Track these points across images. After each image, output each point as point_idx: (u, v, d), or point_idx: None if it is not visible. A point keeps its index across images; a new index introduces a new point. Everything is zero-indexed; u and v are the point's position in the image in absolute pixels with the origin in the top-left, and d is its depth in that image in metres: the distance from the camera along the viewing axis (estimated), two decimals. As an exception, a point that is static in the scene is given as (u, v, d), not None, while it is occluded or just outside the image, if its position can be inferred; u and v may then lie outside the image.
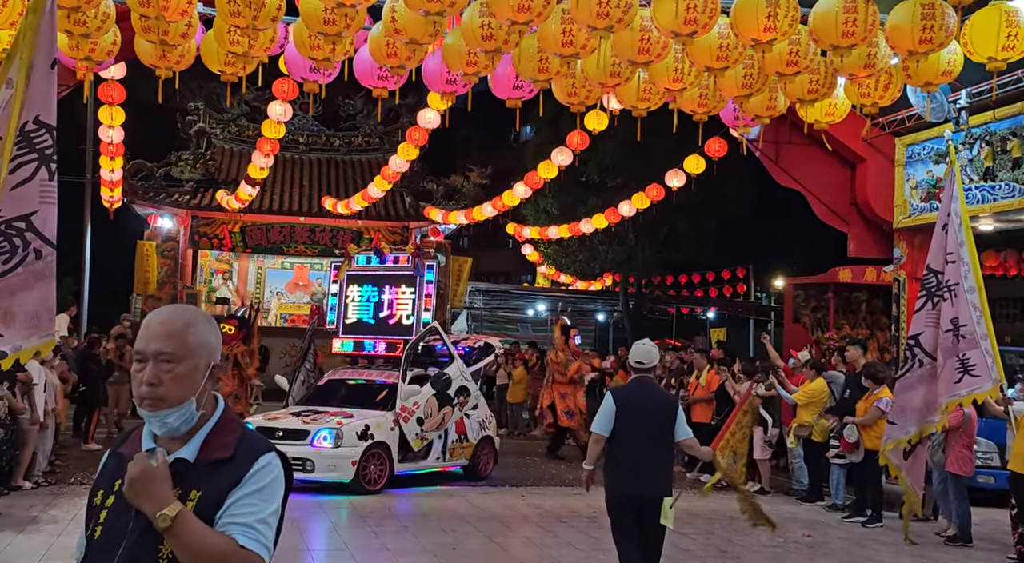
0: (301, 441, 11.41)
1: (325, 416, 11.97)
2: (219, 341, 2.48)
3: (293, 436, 11.48)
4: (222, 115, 28.19)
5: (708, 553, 9.22)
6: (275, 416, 12.30)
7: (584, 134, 16.12)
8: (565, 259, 33.77)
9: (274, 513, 2.36)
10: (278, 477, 2.40)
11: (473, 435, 13.35)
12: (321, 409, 12.34)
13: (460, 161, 37.89)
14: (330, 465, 11.36)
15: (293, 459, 9.33)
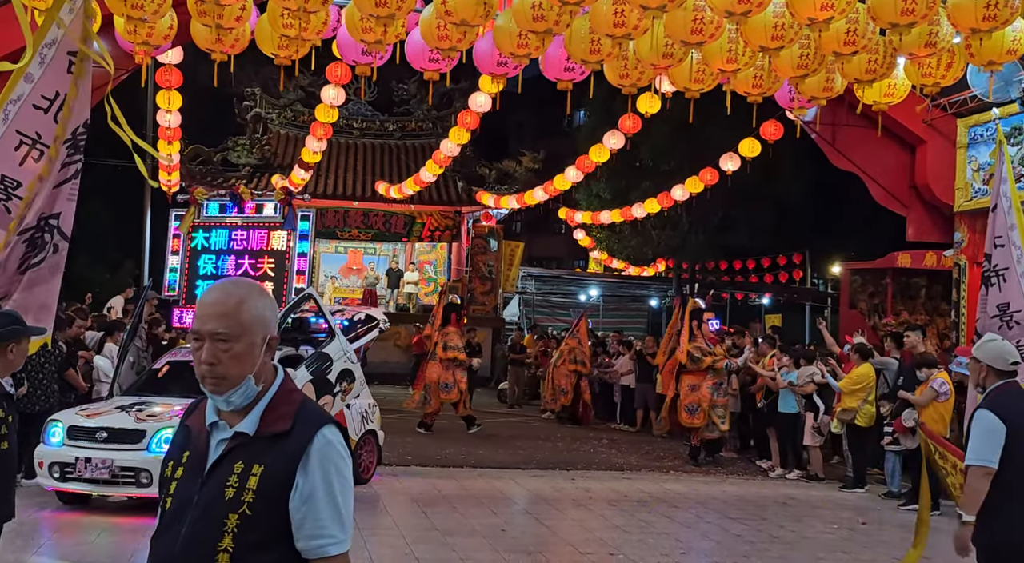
0: (133, 445, 8.67)
1: (164, 411, 9.08)
2: (275, 313, 2.49)
3: (120, 438, 8.75)
4: (278, 100, 28.50)
5: (759, 539, 9.14)
6: (95, 411, 9.29)
7: (636, 117, 16.00)
8: (617, 244, 33.60)
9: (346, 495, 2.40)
10: (340, 455, 2.39)
11: (354, 430, 10.74)
12: (157, 401, 9.45)
13: (512, 145, 37.83)
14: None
15: (122, 469, 8.54)
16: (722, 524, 9.77)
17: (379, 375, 23.99)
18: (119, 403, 9.49)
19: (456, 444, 14.76)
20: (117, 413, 9.14)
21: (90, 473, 8.65)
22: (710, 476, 13.03)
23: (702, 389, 13.58)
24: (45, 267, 4.79)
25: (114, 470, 8.62)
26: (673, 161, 25.06)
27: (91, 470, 8.64)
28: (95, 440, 8.79)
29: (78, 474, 8.67)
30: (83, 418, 9.09)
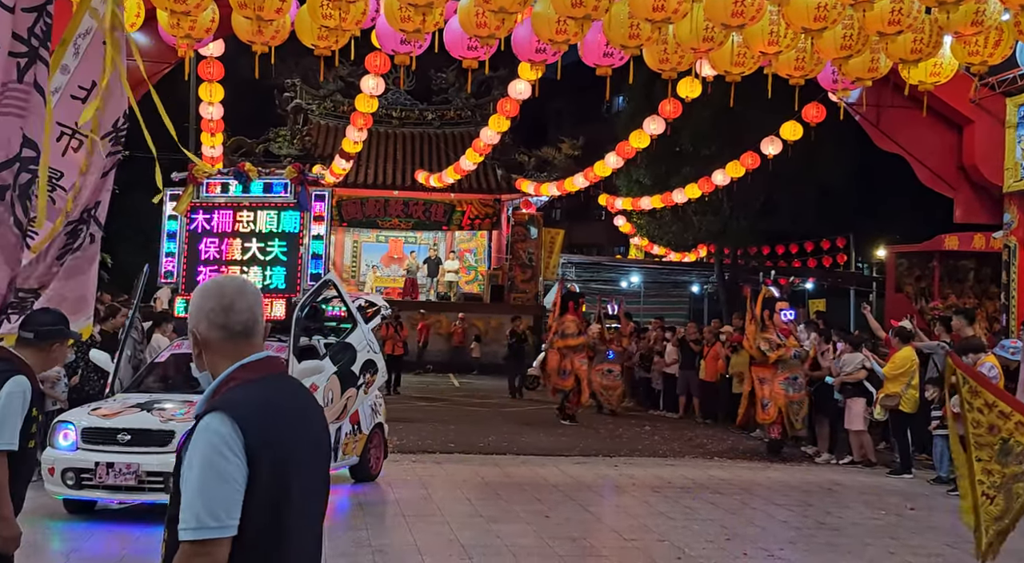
0: (161, 447, 7.96)
1: (186, 408, 8.34)
2: (200, 308, 2.54)
3: (146, 440, 8.06)
4: (318, 91, 28.69)
5: (805, 525, 9.07)
6: (110, 411, 8.46)
7: (677, 102, 15.87)
8: (658, 230, 33.41)
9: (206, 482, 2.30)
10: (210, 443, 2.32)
11: (366, 424, 10.30)
12: (168, 398, 8.81)
13: (552, 132, 37.76)
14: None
15: (148, 474, 7.77)
16: (767, 510, 9.71)
17: (421, 363, 24.18)
18: (134, 401, 8.63)
19: (499, 431, 14.81)
20: (137, 412, 8.30)
21: (113, 479, 7.88)
22: (754, 462, 12.95)
23: (774, 385, 13.02)
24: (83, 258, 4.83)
25: (140, 475, 7.87)
26: (714, 146, 24.83)
27: (114, 476, 7.88)
28: (117, 443, 8.02)
29: (98, 480, 7.90)
30: (99, 418, 8.22)
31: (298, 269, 9.94)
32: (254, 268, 9.95)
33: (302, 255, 9.96)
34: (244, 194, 10.08)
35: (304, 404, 2.60)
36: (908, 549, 8.19)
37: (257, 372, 2.51)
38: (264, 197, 10.11)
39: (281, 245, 9.96)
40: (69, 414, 8.52)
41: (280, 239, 9.96)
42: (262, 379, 2.50)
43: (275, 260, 9.96)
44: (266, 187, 10.13)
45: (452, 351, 26.53)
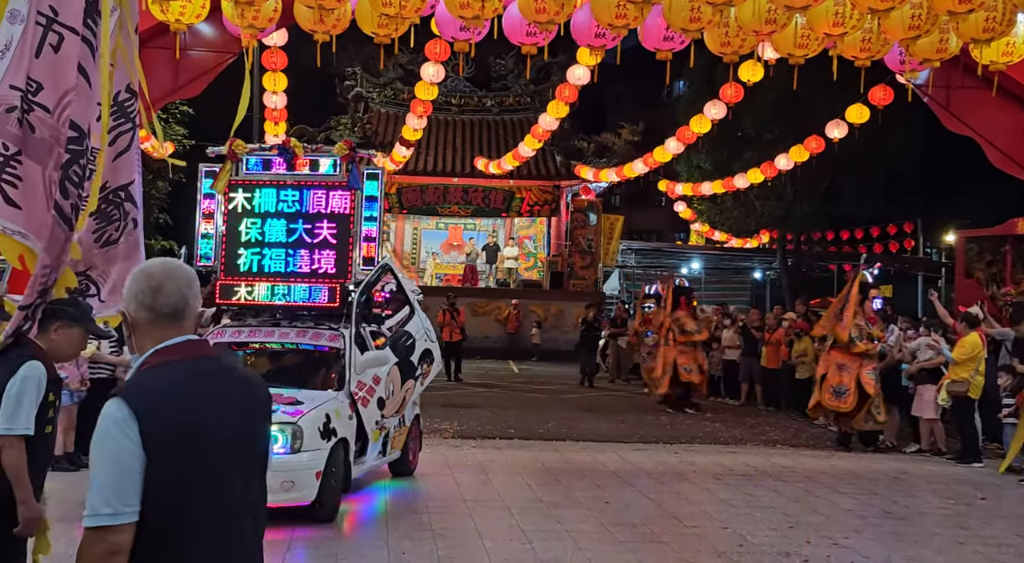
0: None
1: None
2: (129, 289, 2.54)
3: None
4: (378, 79, 28.92)
5: (871, 514, 8.94)
6: None
7: (738, 86, 15.64)
8: (719, 216, 33.08)
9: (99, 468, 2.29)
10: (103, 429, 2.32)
11: (409, 416, 9.83)
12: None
13: (611, 118, 37.55)
14: (286, 482, 7.35)
15: None
16: (831, 498, 9.58)
17: (479, 349, 24.30)
18: None
19: (559, 418, 14.83)
20: None
21: None
22: (818, 450, 12.78)
23: (862, 374, 12.45)
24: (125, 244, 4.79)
25: None
26: (776, 130, 24.46)
27: None
28: None
29: None
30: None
31: (349, 253, 9.17)
32: (301, 251, 9.20)
33: (353, 238, 9.17)
34: (289, 172, 9.26)
35: (228, 390, 2.51)
36: (978, 539, 8.02)
37: (172, 356, 2.45)
38: (311, 175, 9.31)
39: (330, 227, 9.18)
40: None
41: (329, 220, 9.18)
42: (176, 363, 2.44)
43: (324, 243, 9.20)
44: (313, 165, 9.33)
45: (508, 338, 26.60)
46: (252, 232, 9.23)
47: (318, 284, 9.18)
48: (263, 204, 9.24)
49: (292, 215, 9.20)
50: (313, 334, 8.93)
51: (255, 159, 9.31)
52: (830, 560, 7.17)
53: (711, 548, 7.43)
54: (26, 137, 4.03)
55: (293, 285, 9.19)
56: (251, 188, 9.25)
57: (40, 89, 4.04)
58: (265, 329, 9.07)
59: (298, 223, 9.19)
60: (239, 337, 9.05)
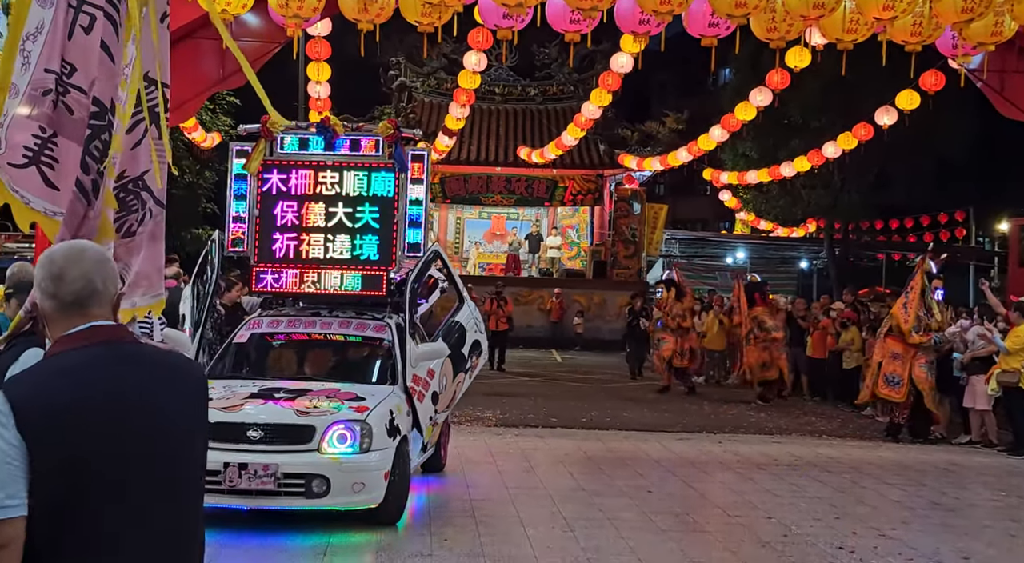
0: (301, 445, 6.99)
1: (311, 397, 7.45)
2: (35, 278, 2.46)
3: (282, 436, 7.02)
4: (421, 68, 28.99)
5: (919, 505, 8.80)
6: (229, 403, 7.25)
7: (785, 72, 15.41)
8: (765, 205, 32.73)
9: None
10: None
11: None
12: (292, 385, 7.80)
13: (655, 106, 37.25)
14: (356, 484, 6.98)
15: (287, 476, 6.74)
16: (879, 489, 9.45)
17: (523, 339, 24.30)
18: (246, 390, 7.57)
19: (601, 407, 14.80)
20: (262, 404, 7.27)
21: (247, 483, 6.77)
22: (865, 441, 12.61)
23: (915, 367, 12.25)
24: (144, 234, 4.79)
25: (279, 477, 6.82)
26: (824, 117, 24.10)
27: (248, 479, 6.77)
28: (247, 440, 6.91)
29: (229, 484, 6.75)
30: (220, 412, 6.93)
31: (393, 238, 8.58)
32: (341, 236, 8.59)
33: (398, 222, 8.58)
34: (328, 151, 8.66)
35: (139, 378, 2.35)
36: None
37: (73, 343, 2.32)
38: (352, 156, 8.69)
39: (373, 210, 8.57)
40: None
41: (371, 203, 8.57)
42: (76, 350, 2.31)
43: (366, 227, 8.60)
44: (353, 144, 8.71)
45: (551, 327, 26.56)
46: (288, 215, 8.60)
47: (361, 271, 8.59)
48: (300, 186, 8.60)
49: (331, 198, 8.58)
50: (358, 324, 8.47)
51: (291, 138, 8.70)
52: (877, 551, 7.07)
53: (755, 538, 7.37)
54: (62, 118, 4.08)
55: (334, 272, 8.59)
56: (287, 168, 8.61)
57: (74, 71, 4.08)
58: (305, 319, 8.55)
59: (338, 206, 8.59)
60: (277, 328, 8.56)
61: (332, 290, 8.63)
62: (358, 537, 7.08)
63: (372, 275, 8.62)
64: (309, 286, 8.62)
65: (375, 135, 8.69)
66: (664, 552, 6.84)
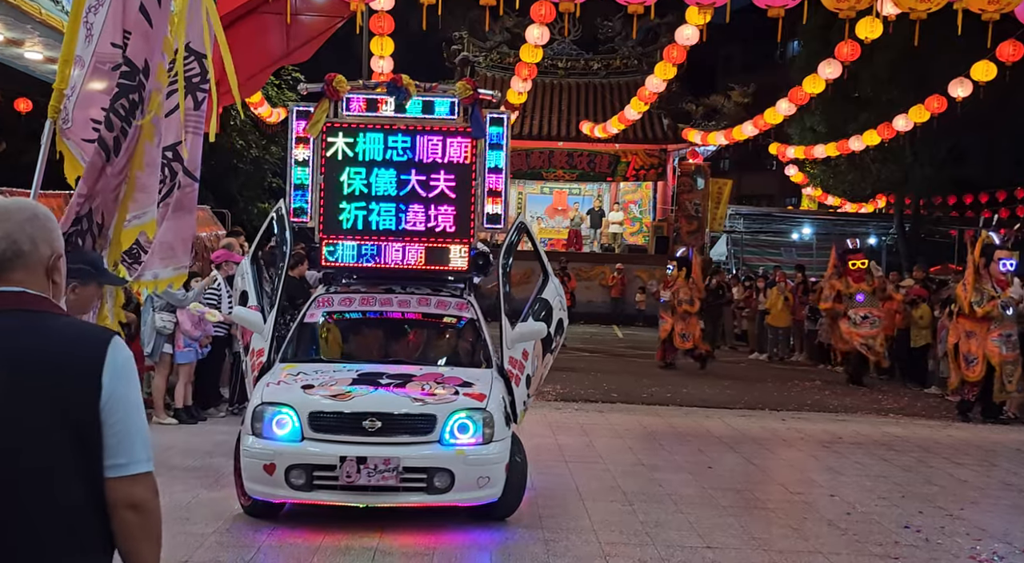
0: (422, 436, 6.42)
1: (420, 382, 6.82)
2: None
3: (401, 427, 6.40)
4: (484, 43, 28.91)
5: (989, 485, 8.61)
6: (335, 391, 6.59)
7: (855, 44, 15.03)
8: (833, 180, 32.13)
9: None
10: None
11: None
12: (390, 369, 7.11)
13: (720, 80, 36.68)
14: (481, 478, 6.45)
15: (407, 471, 6.18)
16: (947, 469, 9.26)
17: (583, 314, 24.25)
18: (344, 374, 6.88)
19: (662, 383, 14.73)
20: (372, 390, 6.60)
21: (366, 478, 6.20)
22: (933, 420, 12.36)
23: (987, 342, 11.95)
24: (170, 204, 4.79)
25: (400, 472, 6.26)
26: (895, 90, 23.49)
27: (368, 474, 6.19)
28: (363, 431, 6.29)
29: (346, 480, 6.19)
30: (327, 399, 6.44)
31: (471, 209, 7.93)
32: (414, 206, 7.93)
33: (476, 192, 7.93)
34: (399, 114, 7.94)
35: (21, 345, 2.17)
36: (1105, 516, 7.65)
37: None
38: (425, 119, 7.96)
39: (448, 178, 7.93)
40: (281, 392, 6.57)
41: (447, 171, 7.94)
42: None
43: (441, 197, 7.95)
44: (427, 106, 7.98)
45: (612, 303, 26.46)
46: (356, 183, 7.92)
47: (438, 244, 7.92)
48: (369, 151, 7.93)
49: (403, 164, 7.93)
50: (438, 302, 7.88)
51: (359, 99, 7.95)
52: (944, 531, 6.94)
53: (817, 515, 7.28)
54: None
55: (412, 245, 7.89)
56: (353, 132, 7.93)
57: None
58: (379, 296, 7.90)
59: (410, 173, 7.93)
60: (350, 306, 7.86)
61: (407, 265, 7.91)
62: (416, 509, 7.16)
63: (449, 249, 7.92)
64: (381, 260, 7.90)
65: (451, 97, 7.98)
66: (724, 528, 6.80)
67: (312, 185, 7.95)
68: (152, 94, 4.16)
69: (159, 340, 10.01)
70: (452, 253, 7.92)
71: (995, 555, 6.35)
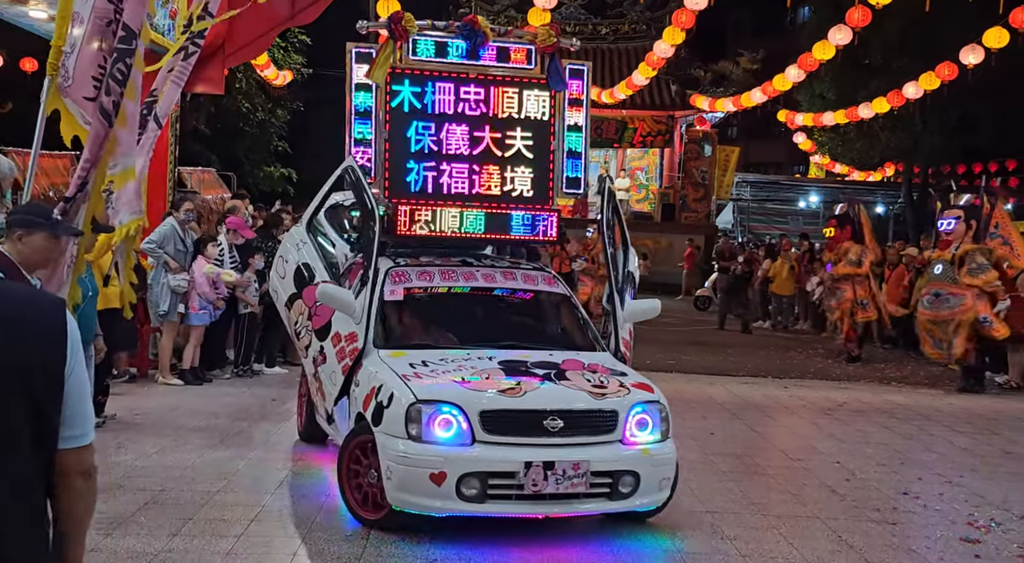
0: (604, 435, 5.61)
1: (578, 372, 5.93)
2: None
3: (583, 425, 5.55)
4: (492, 6, 28.69)
5: (989, 453, 8.65)
6: (497, 381, 5.66)
7: (866, 9, 14.92)
8: (841, 148, 31.90)
9: None
10: None
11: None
12: (526, 356, 6.12)
13: (730, 46, 36.34)
14: (664, 479, 5.76)
15: (598, 476, 5.37)
16: (947, 437, 9.31)
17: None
18: (485, 364, 5.90)
19: (665, 350, 14.76)
20: (539, 382, 5.66)
21: (554, 485, 5.32)
22: (936, 389, 12.39)
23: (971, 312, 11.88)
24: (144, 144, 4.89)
25: (589, 477, 5.43)
26: (906, 57, 23.23)
27: (556, 481, 5.32)
28: (545, 431, 5.41)
29: (532, 488, 5.30)
30: (496, 394, 5.50)
31: (550, 172, 7.14)
32: (489, 167, 7.03)
33: (555, 152, 7.14)
34: (471, 61, 6.99)
35: None
36: (1104, 485, 7.69)
37: None
38: (500, 67, 7.04)
39: (525, 136, 7.07)
40: (444, 389, 5.52)
41: (524, 128, 7.06)
42: None
43: (519, 157, 7.08)
44: (500, 53, 7.03)
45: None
46: (424, 140, 6.94)
47: (517, 210, 6.98)
48: (438, 102, 6.96)
49: (476, 119, 6.99)
50: (524, 276, 6.94)
51: (425, 41, 6.93)
52: (943, 497, 6.99)
53: (817, 481, 7.34)
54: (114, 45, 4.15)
55: (496, 212, 6.92)
56: (421, 80, 6.90)
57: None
58: (460, 270, 6.81)
59: (484, 130, 7.02)
60: (432, 281, 6.69)
61: (487, 233, 6.98)
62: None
63: (536, 216, 7.01)
64: (460, 228, 6.89)
65: (527, 43, 7.09)
66: (724, 492, 6.85)
67: (375, 140, 6.90)
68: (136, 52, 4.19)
69: (174, 299, 10.04)
70: (540, 221, 7.03)
71: (992, 521, 6.40)
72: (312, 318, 6.78)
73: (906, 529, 6.19)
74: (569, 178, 7.21)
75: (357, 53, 6.92)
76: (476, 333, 6.60)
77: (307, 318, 6.85)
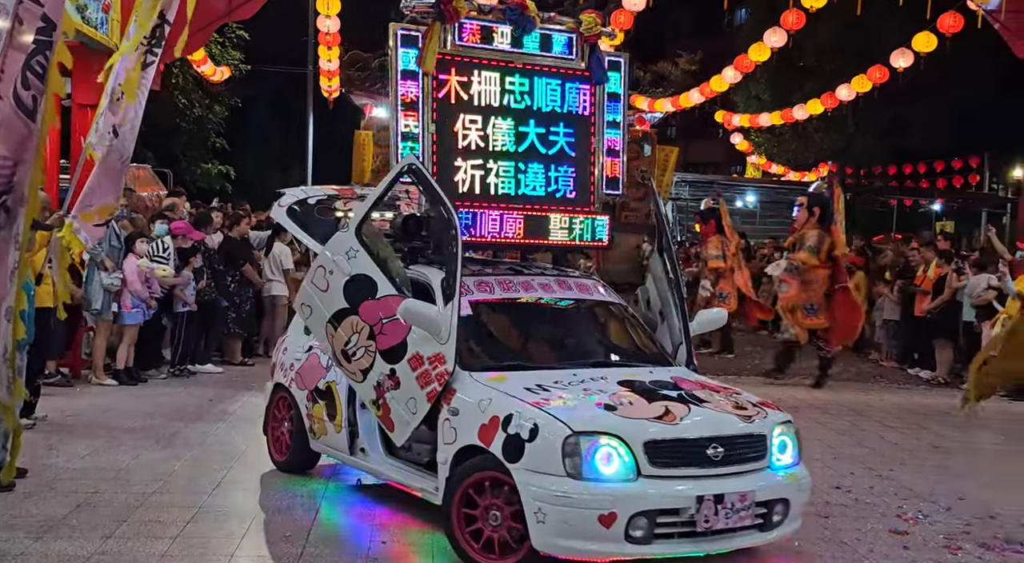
0: (755, 462, 5.16)
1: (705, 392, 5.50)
2: None
3: (736, 451, 5.05)
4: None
5: (918, 448, 8.89)
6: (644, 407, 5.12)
7: (800, 12, 15.19)
8: (777, 148, 32.48)
9: None
10: None
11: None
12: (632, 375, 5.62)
13: (668, 46, 36.72)
14: (805, 503, 5.53)
15: (758, 506, 4.96)
16: (878, 432, 9.55)
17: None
18: (610, 386, 5.31)
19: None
20: (682, 406, 5.14)
21: (723, 520, 4.87)
22: (870, 384, 12.69)
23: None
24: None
25: (754, 508, 5.02)
26: (839, 60, 23.78)
27: (726, 515, 4.87)
28: (709, 461, 4.93)
29: (704, 525, 4.81)
30: (655, 421, 4.97)
31: (591, 170, 6.64)
32: (533, 165, 6.46)
33: (595, 149, 6.61)
34: (515, 49, 6.37)
35: None
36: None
37: None
38: (541, 57, 6.45)
39: (568, 133, 6.53)
40: (577, 419, 4.87)
41: (567, 124, 6.53)
42: None
43: (561, 155, 6.54)
44: (544, 41, 6.44)
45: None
46: (472, 135, 6.30)
47: (562, 213, 6.50)
48: (485, 94, 6.31)
49: (521, 113, 6.41)
50: (578, 284, 6.43)
51: (472, 25, 6.30)
52: (872, 491, 7.17)
53: (753, 476, 7.46)
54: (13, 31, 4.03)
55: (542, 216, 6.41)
56: (467, 68, 6.25)
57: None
58: (516, 279, 6.18)
59: (529, 125, 6.44)
60: (492, 292, 5.99)
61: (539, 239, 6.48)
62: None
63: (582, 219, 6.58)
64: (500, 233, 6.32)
65: (570, 31, 6.54)
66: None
67: (423, 134, 6.13)
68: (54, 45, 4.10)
69: (107, 298, 9.85)
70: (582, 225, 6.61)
71: (920, 513, 6.58)
72: (377, 337, 5.63)
73: (838, 522, 6.34)
74: (608, 178, 6.75)
75: (403, 35, 6.17)
76: (559, 349, 6.15)
77: (367, 337, 5.65)
